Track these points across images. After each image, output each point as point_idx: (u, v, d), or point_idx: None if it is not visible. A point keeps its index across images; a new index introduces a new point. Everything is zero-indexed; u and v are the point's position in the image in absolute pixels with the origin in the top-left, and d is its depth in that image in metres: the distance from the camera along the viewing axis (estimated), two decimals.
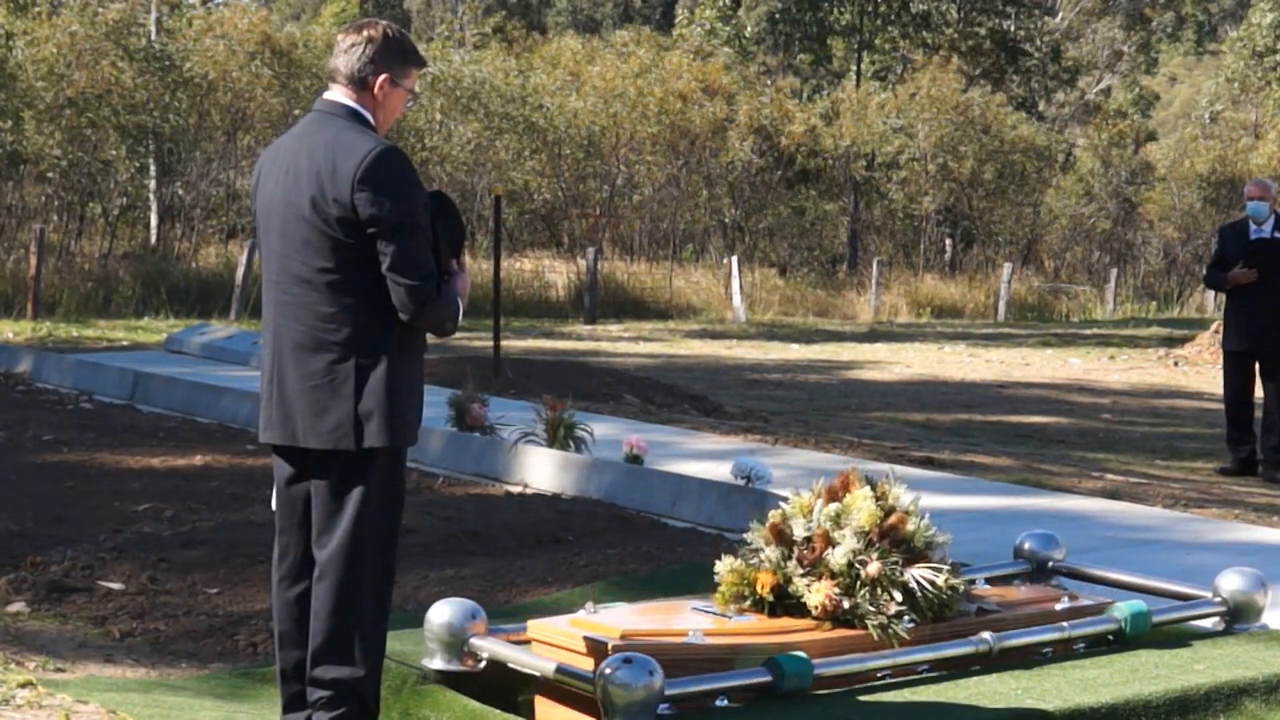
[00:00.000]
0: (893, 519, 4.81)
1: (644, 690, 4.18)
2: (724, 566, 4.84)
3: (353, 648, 4.13)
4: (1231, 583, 5.39)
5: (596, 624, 4.58)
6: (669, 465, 8.77)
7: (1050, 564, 5.76)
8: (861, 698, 4.55)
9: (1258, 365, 10.45)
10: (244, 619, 5.91)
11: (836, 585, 4.72)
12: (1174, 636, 5.25)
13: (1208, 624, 5.43)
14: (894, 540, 4.80)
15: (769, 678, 4.44)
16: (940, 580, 4.79)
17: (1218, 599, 5.39)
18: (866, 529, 4.78)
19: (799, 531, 4.84)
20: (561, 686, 4.44)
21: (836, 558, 4.74)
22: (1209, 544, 7.28)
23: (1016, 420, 13.39)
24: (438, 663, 4.72)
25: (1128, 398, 15.57)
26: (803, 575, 4.77)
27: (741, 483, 7.70)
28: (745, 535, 4.98)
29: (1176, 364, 19.11)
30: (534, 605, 5.92)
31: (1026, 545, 5.80)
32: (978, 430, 12.61)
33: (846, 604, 4.72)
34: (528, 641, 4.73)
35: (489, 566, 6.55)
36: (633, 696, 4.18)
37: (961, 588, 4.91)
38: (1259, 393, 10.43)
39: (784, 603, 4.78)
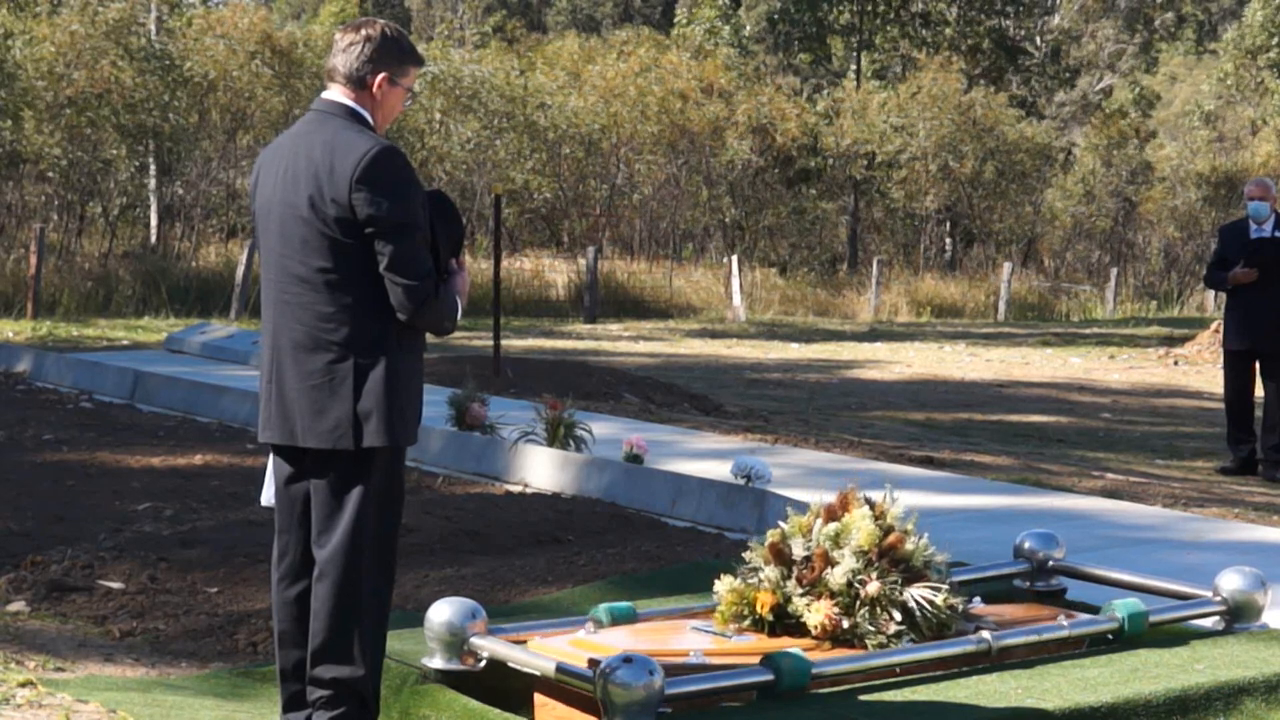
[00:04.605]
0: (891, 538, 4.83)
1: (644, 690, 4.18)
2: (723, 586, 4.86)
3: (352, 647, 4.13)
4: (1231, 582, 5.39)
5: (596, 644, 4.60)
6: (669, 465, 8.77)
7: (1050, 563, 5.76)
8: (861, 698, 4.55)
9: (1258, 364, 10.45)
10: (244, 618, 5.90)
11: (836, 605, 4.74)
12: (1174, 636, 5.25)
13: (1208, 623, 5.42)
14: (893, 559, 4.81)
15: (769, 676, 4.44)
16: (939, 599, 4.80)
17: (1218, 598, 5.39)
18: (865, 548, 4.79)
19: (798, 551, 4.85)
20: (561, 686, 4.44)
21: (836, 577, 4.75)
22: (1209, 543, 7.28)
23: (1016, 420, 13.38)
24: (438, 662, 4.72)
25: (1128, 397, 15.56)
26: (802, 595, 4.78)
27: (741, 482, 7.70)
28: (744, 554, 4.98)
29: (1176, 363, 19.10)
30: (534, 605, 5.92)
31: (1026, 544, 5.80)
32: (978, 430, 12.61)
33: (846, 623, 4.74)
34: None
35: (489, 566, 6.55)
36: (633, 696, 4.18)
37: (960, 607, 4.93)
38: (1259, 392, 10.43)
39: (783, 622, 4.80)
